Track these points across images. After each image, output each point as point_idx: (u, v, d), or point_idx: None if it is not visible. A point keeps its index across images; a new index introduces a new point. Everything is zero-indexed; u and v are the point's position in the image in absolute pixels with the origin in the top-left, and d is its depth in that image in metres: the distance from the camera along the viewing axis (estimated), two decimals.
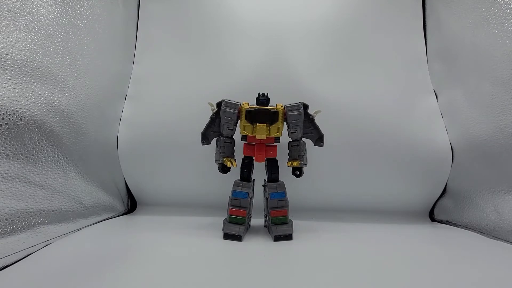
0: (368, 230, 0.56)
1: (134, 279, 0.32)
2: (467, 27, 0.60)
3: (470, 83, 0.59)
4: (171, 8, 0.71)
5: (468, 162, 0.59)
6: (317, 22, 0.69)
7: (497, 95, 0.53)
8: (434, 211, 0.67)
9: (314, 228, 0.55)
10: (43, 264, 0.35)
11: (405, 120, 0.65)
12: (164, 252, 0.41)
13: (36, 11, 0.37)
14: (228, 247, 0.44)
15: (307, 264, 0.38)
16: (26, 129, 0.35)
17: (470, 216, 0.58)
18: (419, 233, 0.56)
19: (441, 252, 0.44)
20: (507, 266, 0.39)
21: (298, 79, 0.65)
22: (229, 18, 0.70)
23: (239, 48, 0.68)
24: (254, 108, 0.48)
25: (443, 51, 0.67)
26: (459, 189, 0.61)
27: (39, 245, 0.39)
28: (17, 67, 0.34)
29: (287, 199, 0.49)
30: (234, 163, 0.48)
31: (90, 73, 0.49)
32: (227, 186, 0.49)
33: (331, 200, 0.65)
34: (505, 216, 0.50)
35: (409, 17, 0.73)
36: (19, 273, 0.33)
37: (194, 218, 0.54)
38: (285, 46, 0.67)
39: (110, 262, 0.36)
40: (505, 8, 0.52)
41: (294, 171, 0.50)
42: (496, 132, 0.52)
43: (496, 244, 0.49)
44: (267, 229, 0.52)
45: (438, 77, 0.69)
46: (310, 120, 0.50)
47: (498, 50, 0.52)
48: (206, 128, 0.50)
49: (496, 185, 0.53)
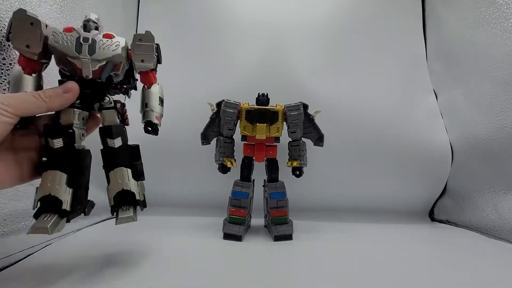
0: (368, 230, 0.56)
1: (135, 279, 0.32)
2: (466, 27, 0.60)
3: (469, 83, 0.59)
4: (171, 9, 0.71)
5: (468, 161, 0.59)
6: (317, 22, 0.69)
7: (496, 94, 0.53)
8: (434, 210, 0.67)
9: (314, 228, 0.55)
10: (43, 264, 0.35)
11: (405, 120, 0.65)
12: (164, 252, 0.41)
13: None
14: (228, 247, 0.44)
15: (307, 264, 0.38)
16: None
17: (470, 216, 0.58)
18: (419, 232, 0.56)
19: (441, 251, 0.44)
20: (507, 266, 0.39)
21: (298, 79, 0.65)
22: (229, 18, 0.70)
23: (239, 48, 0.68)
24: (254, 108, 0.48)
25: (443, 51, 0.67)
26: (459, 189, 0.61)
27: (39, 245, 0.39)
28: None
29: (287, 199, 0.49)
30: (234, 163, 0.48)
31: None
32: (227, 186, 0.49)
33: (331, 200, 0.65)
34: (505, 215, 0.50)
35: (408, 17, 0.73)
36: (19, 274, 0.33)
37: (194, 218, 0.54)
38: (285, 46, 0.67)
39: (110, 262, 0.36)
40: (505, 7, 0.52)
41: (294, 171, 0.50)
42: (496, 132, 0.52)
43: (496, 244, 0.49)
44: (267, 229, 0.52)
45: (437, 77, 0.69)
46: (310, 120, 0.50)
47: (497, 50, 0.53)
48: (206, 128, 0.50)
49: (496, 184, 0.53)
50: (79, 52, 0.30)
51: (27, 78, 0.30)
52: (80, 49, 0.30)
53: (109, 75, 0.32)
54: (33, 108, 0.27)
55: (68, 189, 0.30)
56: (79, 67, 0.30)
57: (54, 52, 0.30)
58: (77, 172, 0.31)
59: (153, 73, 0.36)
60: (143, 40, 0.33)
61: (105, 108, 0.33)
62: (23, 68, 0.30)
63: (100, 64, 0.31)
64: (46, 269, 0.34)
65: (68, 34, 0.30)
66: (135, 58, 0.33)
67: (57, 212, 0.29)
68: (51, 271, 0.33)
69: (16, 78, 0.29)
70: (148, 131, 0.36)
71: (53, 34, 0.30)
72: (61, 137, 0.30)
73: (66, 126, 0.31)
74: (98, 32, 0.32)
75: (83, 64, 0.30)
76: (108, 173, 0.33)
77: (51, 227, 0.27)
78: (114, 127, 0.33)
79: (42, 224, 0.27)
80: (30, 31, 0.29)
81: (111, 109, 0.33)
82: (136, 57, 0.33)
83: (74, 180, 0.30)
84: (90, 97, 0.32)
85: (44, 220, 0.28)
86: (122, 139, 0.33)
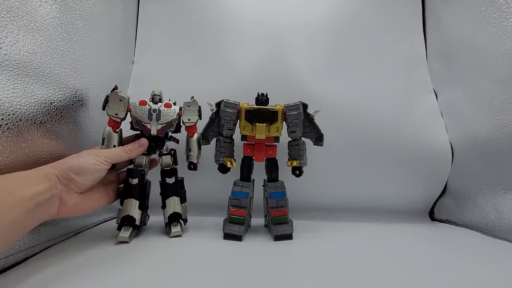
0: (368, 229, 0.56)
1: (135, 279, 0.32)
2: (466, 26, 0.60)
3: (469, 82, 0.59)
4: (170, 8, 0.71)
5: (468, 161, 0.59)
6: (317, 21, 0.69)
7: (496, 94, 0.53)
8: (434, 210, 0.67)
9: (314, 227, 0.55)
10: (43, 264, 0.35)
11: (405, 119, 0.65)
12: (164, 252, 0.41)
13: (35, 11, 0.37)
14: (229, 247, 0.44)
15: (307, 264, 0.38)
16: (25, 129, 0.35)
17: (470, 215, 0.58)
18: (419, 232, 0.56)
19: (442, 251, 0.44)
20: (507, 265, 0.39)
21: (298, 79, 0.65)
22: (229, 18, 0.70)
23: (238, 48, 0.68)
24: (254, 108, 0.48)
25: (443, 50, 0.67)
26: (459, 188, 0.61)
27: (40, 245, 0.39)
28: (16, 67, 0.34)
29: (287, 199, 0.49)
30: (234, 163, 0.48)
31: (90, 73, 0.49)
32: (227, 186, 0.49)
33: (331, 199, 0.65)
34: (505, 215, 0.50)
35: (408, 17, 0.73)
36: (20, 274, 0.33)
37: (194, 218, 0.54)
38: (285, 46, 0.67)
39: (110, 262, 0.36)
40: (505, 7, 0.52)
41: (293, 171, 0.50)
42: (496, 131, 0.52)
43: (496, 243, 0.49)
44: (267, 229, 0.52)
45: (437, 76, 0.69)
46: (310, 120, 0.50)
47: (497, 49, 0.52)
48: (206, 128, 0.50)
49: (496, 184, 0.53)
50: (150, 119, 0.45)
51: (114, 135, 0.45)
52: (151, 117, 0.45)
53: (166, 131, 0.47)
54: (120, 158, 0.42)
55: (139, 211, 0.45)
56: (148, 128, 0.45)
57: (133, 118, 0.46)
58: (144, 198, 0.46)
59: (195, 126, 0.49)
60: (190, 106, 0.48)
61: (163, 154, 0.48)
62: (111, 127, 0.45)
63: (162, 125, 0.46)
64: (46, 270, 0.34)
65: (143, 107, 0.46)
66: (185, 118, 0.48)
67: (132, 226, 0.44)
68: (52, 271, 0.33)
69: (108, 135, 0.45)
70: (190, 168, 0.49)
71: (134, 107, 0.45)
72: (137, 177, 0.46)
73: (140, 168, 0.46)
74: (162, 104, 0.47)
75: (151, 126, 0.45)
76: (164, 200, 0.48)
77: (130, 237, 0.43)
78: (171, 170, 0.48)
79: (124, 234, 0.43)
80: (119, 104, 0.45)
81: (167, 155, 0.48)
82: (185, 117, 0.48)
83: (143, 204, 0.46)
84: (154, 147, 0.47)
85: (125, 231, 0.43)
86: (175, 177, 0.48)
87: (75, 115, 0.45)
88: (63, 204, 0.35)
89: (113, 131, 0.45)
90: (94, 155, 0.39)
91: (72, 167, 0.36)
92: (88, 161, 0.37)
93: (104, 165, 0.39)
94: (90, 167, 0.37)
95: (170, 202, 0.48)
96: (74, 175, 0.35)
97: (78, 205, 0.37)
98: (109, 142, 0.44)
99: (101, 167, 0.39)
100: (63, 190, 0.35)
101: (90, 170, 0.37)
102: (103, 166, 0.39)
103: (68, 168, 0.35)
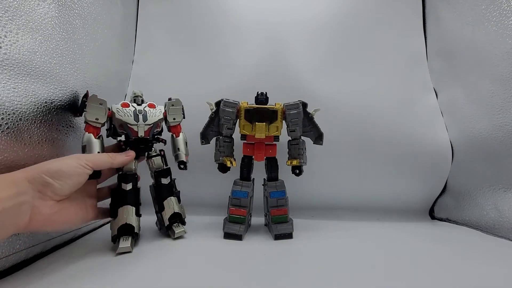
0: (369, 228, 0.56)
1: (135, 279, 0.32)
2: (466, 25, 0.60)
3: (470, 81, 0.59)
4: (170, 7, 0.71)
5: (468, 160, 0.59)
6: (316, 20, 0.69)
7: (496, 92, 0.52)
8: (434, 209, 0.67)
9: (314, 226, 0.55)
10: (44, 264, 0.36)
11: (405, 118, 0.65)
12: (164, 251, 0.41)
13: (34, 10, 0.37)
14: (229, 246, 0.44)
15: (308, 263, 0.38)
16: (25, 129, 0.35)
17: (470, 214, 0.58)
18: (419, 231, 0.56)
19: (442, 249, 0.44)
20: (507, 263, 0.39)
21: (297, 78, 0.65)
22: (228, 17, 0.70)
23: (238, 47, 0.68)
24: (253, 107, 0.48)
25: (443, 49, 0.67)
26: (459, 187, 0.61)
27: (40, 245, 0.39)
28: (16, 67, 0.34)
29: (287, 198, 0.49)
30: (233, 163, 0.48)
31: (89, 72, 0.49)
32: (227, 185, 0.49)
33: (331, 198, 0.65)
34: (505, 213, 0.50)
35: (408, 15, 0.73)
36: (20, 275, 0.33)
37: (194, 218, 0.54)
38: (284, 45, 0.67)
39: (110, 262, 0.37)
40: (505, 5, 0.51)
41: (293, 170, 0.50)
42: (496, 130, 0.52)
43: (497, 242, 0.49)
44: (267, 228, 0.52)
45: (438, 75, 0.69)
46: (309, 119, 0.50)
47: (497, 48, 0.52)
48: (205, 127, 0.50)
49: (496, 182, 0.53)
50: (137, 121, 0.44)
51: (96, 141, 0.41)
52: (137, 118, 0.44)
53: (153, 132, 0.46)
54: (104, 163, 0.39)
55: (137, 218, 0.43)
56: (135, 130, 0.44)
57: (117, 121, 0.43)
58: (139, 204, 0.44)
59: (179, 125, 0.49)
60: (174, 105, 0.48)
61: (152, 156, 0.47)
62: (91, 133, 0.41)
63: (149, 126, 0.45)
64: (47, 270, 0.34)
65: (127, 109, 0.44)
66: (170, 117, 0.48)
67: (131, 235, 0.42)
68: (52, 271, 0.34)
69: (88, 142, 0.41)
70: (180, 167, 0.48)
71: (117, 110, 0.43)
72: (131, 182, 0.43)
73: (134, 173, 0.44)
74: (145, 104, 0.45)
75: (139, 127, 0.44)
76: (162, 202, 0.46)
77: (131, 246, 0.40)
78: (165, 170, 0.47)
79: (125, 244, 0.40)
80: (99, 109, 0.42)
81: (157, 156, 0.47)
82: (170, 116, 0.48)
83: (138, 210, 0.44)
84: (143, 149, 0.45)
85: (125, 241, 0.40)
86: (170, 177, 0.48)
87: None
88: (37, 213, 0.31)
89: (94, 137, 0.41)
90: (75, 158, 0.36)
91: (48, 170, 0.32)
92: (68, 163, 0.34)
93: (85, 169, 0.35)
94: (69, 169, 0.34)
95: (169, 203, 0.46)
96: (50, 179, 0.32)
97: (54, 215, 0.33)
98: (91, 149, 0.41)
99: (82, 170, 0.35)
100: (36, 197, 0.31)
101: (69, 173, 0.34)
102: (83, 170, 0.35)
103: (44, 172, 0.32)
